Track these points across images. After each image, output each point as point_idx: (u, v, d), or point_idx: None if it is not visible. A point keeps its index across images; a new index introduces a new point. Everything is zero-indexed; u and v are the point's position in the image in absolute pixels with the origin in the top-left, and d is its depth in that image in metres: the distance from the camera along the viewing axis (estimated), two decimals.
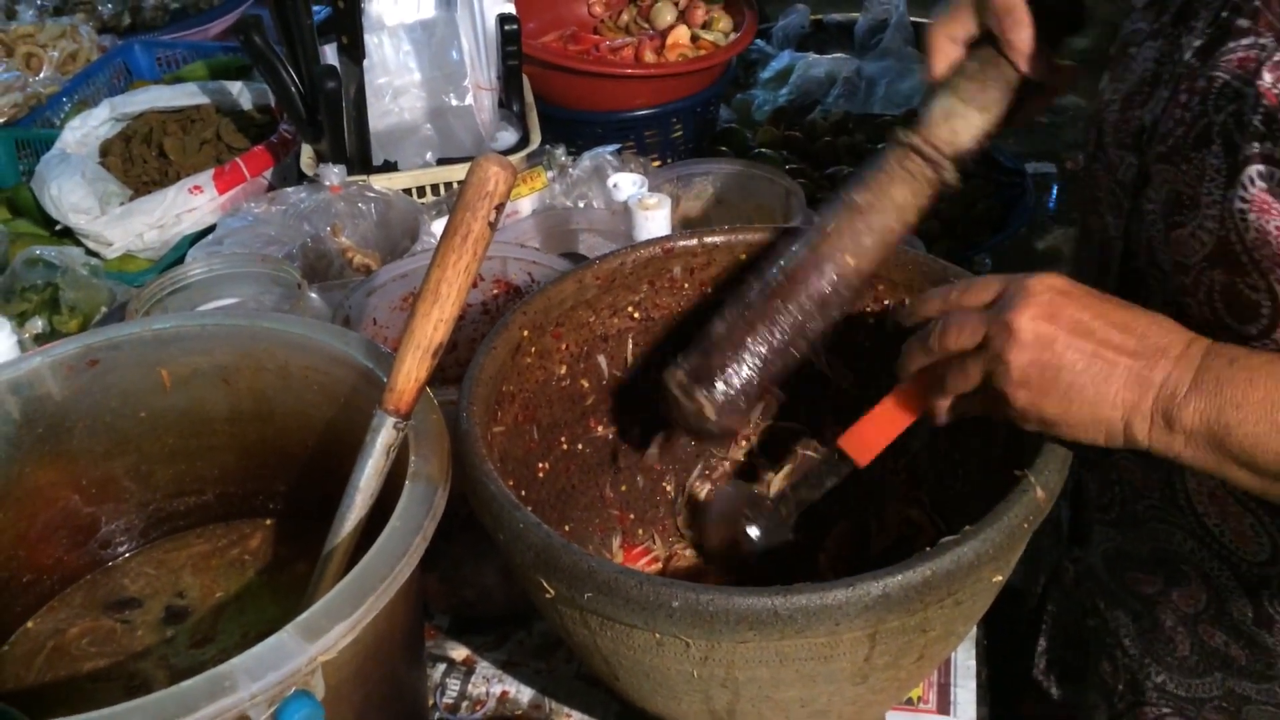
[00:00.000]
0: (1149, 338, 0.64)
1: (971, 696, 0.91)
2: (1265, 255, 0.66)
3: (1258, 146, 0.64)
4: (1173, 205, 0.72)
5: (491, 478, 0.70)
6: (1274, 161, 0.63)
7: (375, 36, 1.50)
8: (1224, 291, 0.70)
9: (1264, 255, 0.66)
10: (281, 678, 0.56)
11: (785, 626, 0.61)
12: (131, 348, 0.83)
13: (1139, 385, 0.63)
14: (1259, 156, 0.64)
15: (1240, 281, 0.68)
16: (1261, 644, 0.84)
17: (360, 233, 1.28)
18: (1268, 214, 0.64)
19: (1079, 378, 0.63)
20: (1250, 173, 0.65)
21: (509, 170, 0.71)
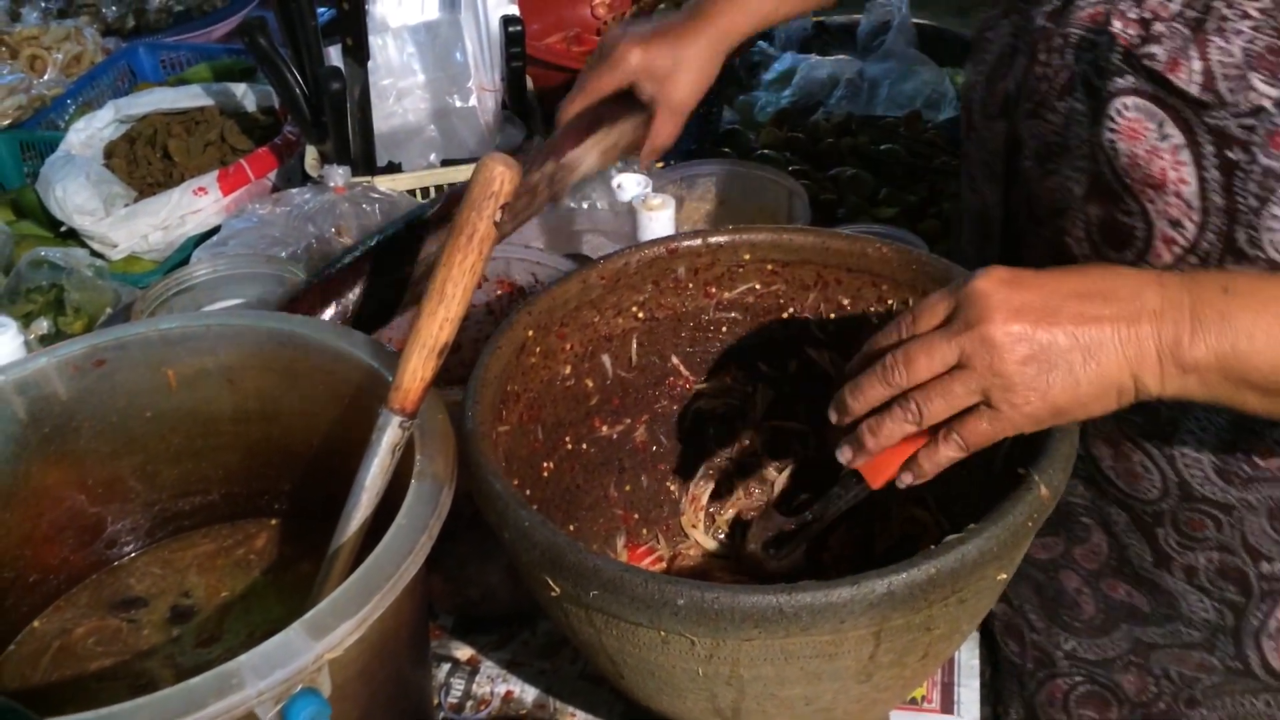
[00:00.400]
0: (1116, 295, 0.63)
1: (975, 695, 0.91)
2: (1137, 178, 0.71)
3: (1121, 81, 0.70)
4: (1044, 156, 0.78)
5: (497, 476, 0.71)
6: (1141, 93, 0.70)
7: (379, 38, 1.51)
8: (1100, 224, 0.75)
9: (1135, 178, 0.72)
10: (288, 675, 0.56)
11: (790, 624, 0.61)
12: (137, 348, 0.83)
13: (1135, 342, 0.62)
14: (1127, 90, 0.70)
15: (1115, 209, 0.74)
16: (1163, 587, 0.88)
17: (365, 233, 1.28)
18: (1138, 139, 0.70)
19: (1073, 357, 0.62)
20: (1118, 105, 0.71)
21: (514, 169, 0.71)
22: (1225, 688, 0.90)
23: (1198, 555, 0.85)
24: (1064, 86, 0.75)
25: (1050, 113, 0.76)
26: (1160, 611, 0.89)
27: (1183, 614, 0.88)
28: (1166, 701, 0.93)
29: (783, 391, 0.97)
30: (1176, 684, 0.92)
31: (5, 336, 0.91)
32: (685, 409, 0.97)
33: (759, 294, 0.93)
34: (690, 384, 0.97)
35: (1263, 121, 0.66)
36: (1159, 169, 0.70)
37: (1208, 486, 0.82)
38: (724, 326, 0.95)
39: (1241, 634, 0.87)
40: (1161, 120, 0.69)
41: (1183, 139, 0.69)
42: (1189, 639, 0.89)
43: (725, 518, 0.98)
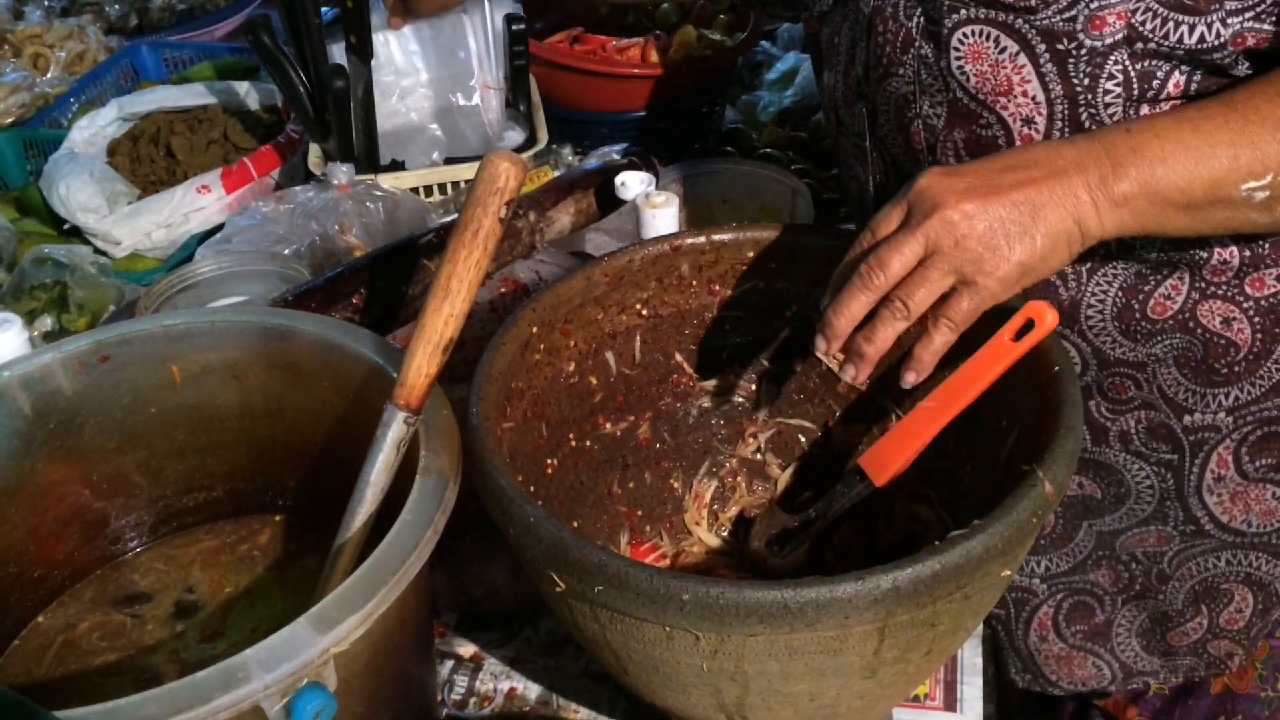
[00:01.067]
0: (1038, 161, 0.71)
1: (978, 693, 0.91)
2: (987, 91, 0.80)
3: (956, 16, 0.79)
4: (902, 108, 0.87)
5: (502, 472, 0.71)
6: (976, 20, 0.78)
7: (382, 36, 1.51)
8: (968, 144, 0.84)
9: (986, 91, 0.80)
10: (294, 669, 0.57)
11: (795, 620, 0.61)
12: (142, 344, 0.83)
13: (1070, 193, 0.70)
14: (963, 21, 0.79)
15: (976, 125, 0.83)
16: (1106, 464, 0.94)
17: (368, 231, 1.28)
18: (981, 58, 0.79)
19: (1024, 220, 0.70)
20: (958, 36, 0.80)
21: (519, 166, 0.71)
22: (1187, 553, 0.96)
23: (1127, 419, 0.91)
24: (905, 42, 0.84)
25: (900, 68, 0.85)
26: (1111, 493, 0.95)
27: (1130, 488, 0.94)
28: (1140, 583, 0.99)
29: (786, 389, 0.97)
30: (1144, 563, 0.98)
31: (10, 333, 0.91)
32: (688, 406, 0.97)
33: (762, 292, 0.93)
34: (693, 381, 0.97)
35: (1080, 10, 0.75)
36: (1004, 77, 0.79)
37: (1119, 349, 0.88)
38: (727, 324, 0.95)
39: (1185, 495, 0.93)
40: (997, 36, 0.78)
41: (1017, 46, 0.78)
42: (1142, 515, 0.95)
43: (728, 515, 0.98)
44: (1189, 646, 1.01)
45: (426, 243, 1.03)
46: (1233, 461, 0.91)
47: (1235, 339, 0.86)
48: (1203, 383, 0.88)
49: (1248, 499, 0.92)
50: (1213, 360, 0.87)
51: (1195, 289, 0.85)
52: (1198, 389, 0.88)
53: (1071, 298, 0.88)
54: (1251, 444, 0.90)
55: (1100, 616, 1.02)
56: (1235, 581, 0.96)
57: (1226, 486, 0.92)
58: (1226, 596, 0.97)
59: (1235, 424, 0.89)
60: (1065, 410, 0.72)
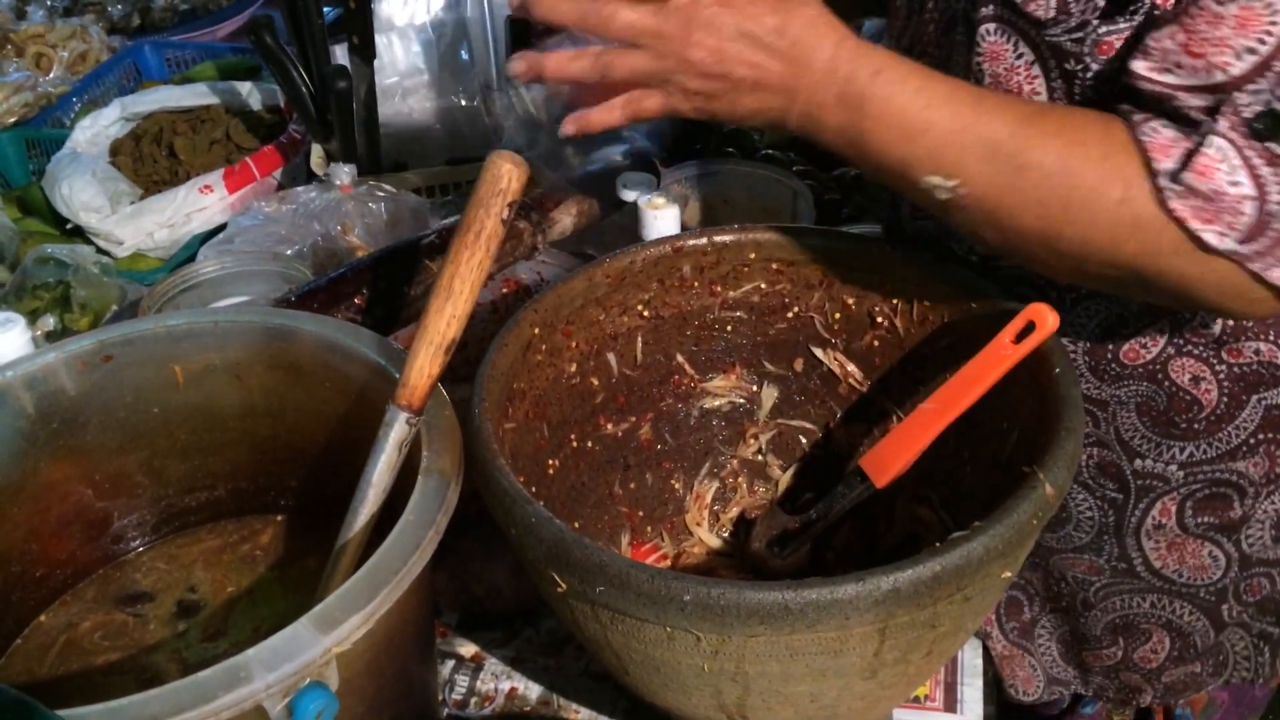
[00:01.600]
0: (791, 55, 0.71)
1: (978, 694, 0.91)
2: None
3: (985, 10, 0.76)
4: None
5: (504, 473, 0.71)
6: (1000, 19, 0.76)
7: (385, 37, 1.51)
8: None
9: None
10: (297, 668, 0.57)
11: (796, 620, 0.61)
12: (145, 344, 0.84)
13: (786, 95, 0.72)
14: (989, 17, 0.76)
15: None
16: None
17: (370, 232, 1.29)
18: (999, 59, 0.77)
19: (741, 86, 0.72)
20: (982, 30, 0.77)
21: (522, 168, 0.72)
22: (1114, 588, 0.95)
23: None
24: (947, 24, 0.82)
25: (934, 48, 0.83)
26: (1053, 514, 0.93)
27: (1072, 514, 0.93)
28: (1066, 600, 0.99)
29: (787, 390, 0.97)
30: (1072, 586, 0.97)
31: (13, 333, 0.91)
32: (690, 407, 0.98)
33: (764, 293, 0.93)
34: (695, 382, 0.97)
35: (1089, 34, 0.72)
36: (1016, 84, 0.77)
37: (1084, 384, 0.87)
38: (729, 325, 0.95)
39: (1124, 534, 0.92)
40: (1016, 40, 0.76)
41: (1033, 55, 0.76)
42: (1078, 542, 0.95)
43: (729, 516, 0.99)
44: (1102, 669, 1.00)
45: (429, 243, 1.04)
46: (1175, 513, 0.90)
47: (1201, 398, 0.85)
48: (1160, 434, 0.87)
49: (1184, 551, 0.91)
50: (1175, 414, 0.86)
51: (1172, 344, 0.84)
52: (1154, 438, 0.87)
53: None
54: (1197, 500, 0.89)
55: (1027, 615, 1.02)
56: (1155, 624, 0.95)
57: (1165, 535, 0.91)
58: (1145, 635, 0.96)
59: (1185, 479, 0.88)
60: (1066, 412, 0.72)
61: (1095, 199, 0.67)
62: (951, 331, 0.86)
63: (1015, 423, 0.80)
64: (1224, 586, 0.92)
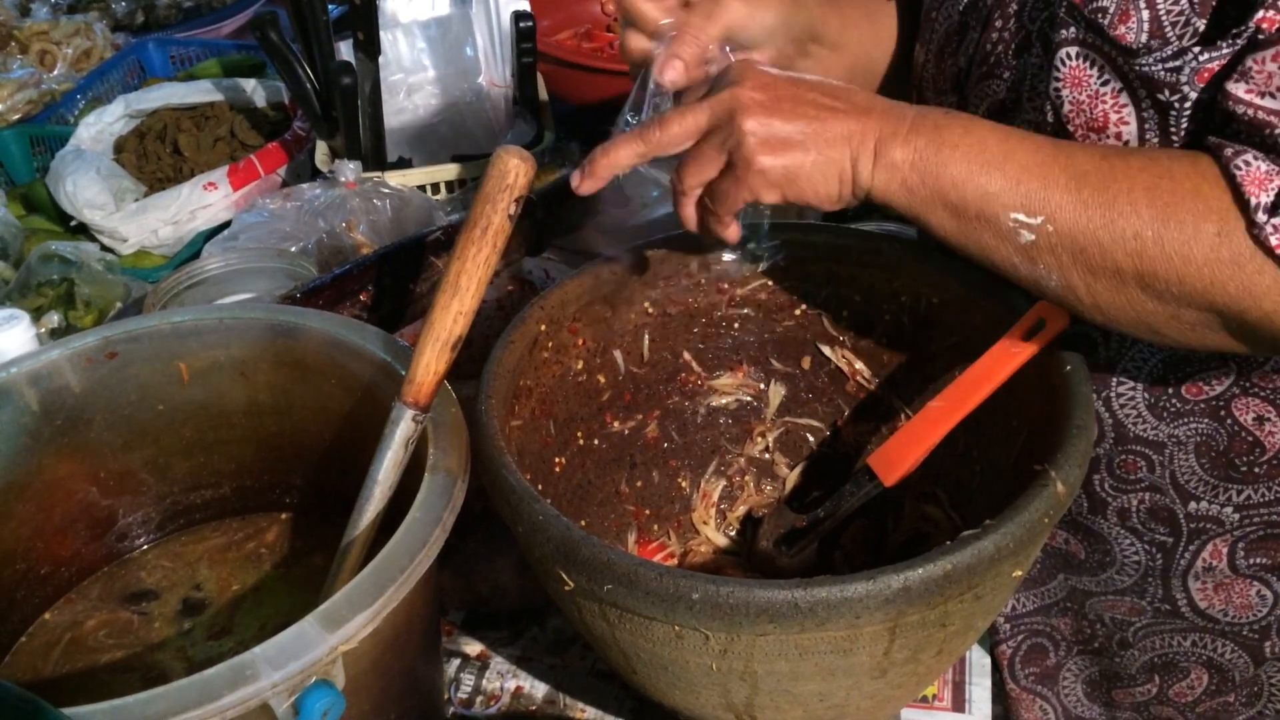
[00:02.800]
0: (852, 96, 0.72)
1: (987, 694, 0.91)
2: (1079, 123, 0.73)
3: (1065, 33, 0.72)
4: (994, 115, 0.80)
5: (511, 470, 0.70)
6: (1083, 43, 0.72)
7: (390, 33, 1.50)
8: None
9: (1078, 123, 0.73)
10: (303, 667, 0.56)
11: (805, 619, 0.61)
12: (150, 341, 0.83)
13: (858, 129, 0.70)
14: (1070, 40, 0.72)
15: None
16: (1097, 532, 0.90)
17: (375, 229, 1.28)
18: (1081, 85, 0.73)
19: (809, 129, 0.70)
20: (1062, 55, 0.73)
21: (529, 163, 0.71)
22: (1155, 628, 0.93)
23: (1130, 498, 0.87)
24: (1019, 46, 0.78)
25: (1005, 70, 0.79)
26: (1095, 558, 0.92)
27: (1115, 559, 0.91)
28: (1100, 643, 0.97)
29: (795, 388, 0.96)
30: (1109, 627, 0.95)
31: (17, 329, 0.91)
32: (697, 405, 0.97)
33: (771, 290, 0.93)
34: (702, 380, 0.97)
35: (1187, 62, 0.67)
36: (1101, 113, 0.73)
37: (1141, 425, 0.84)
38: (736, 323, 0.95)
39: (1170, 576, 0.89)
40: (1102, 66, 0.72)
41: (1120, 83, 0.71)
42: (1120, 585, 0.92)
43: (736, 514, 0.98)
44: (1132, 705, 0.98)
45: (434, 240, 1.03)
46: (1227, 554, 0.86)
47: (1264, 440, 0.81)
48: (1219, 475, 0.83)
49: (1230, 591, 0.88)
50: (1235, 455, 0.82)
51: (1239, 384, 0.80)
52: (1211, 480, 0.84)
53: (1110, 358, 0.83)
54: (1250, 541, 0.86)
55: (1052, 660, 0.99)
56: (1195, 662, 0.93)
57: (1214, 576, 0.88)
58: (1183, 673, 0.94)
59: (1240, 521, 0.85)
60: (1077, 410, 0.71)
61: (1190, 234, 0.63)
62: (960, 329, 0.86)
63: (1025, 421, 0.80)
64: (1269, 624, 0.89)
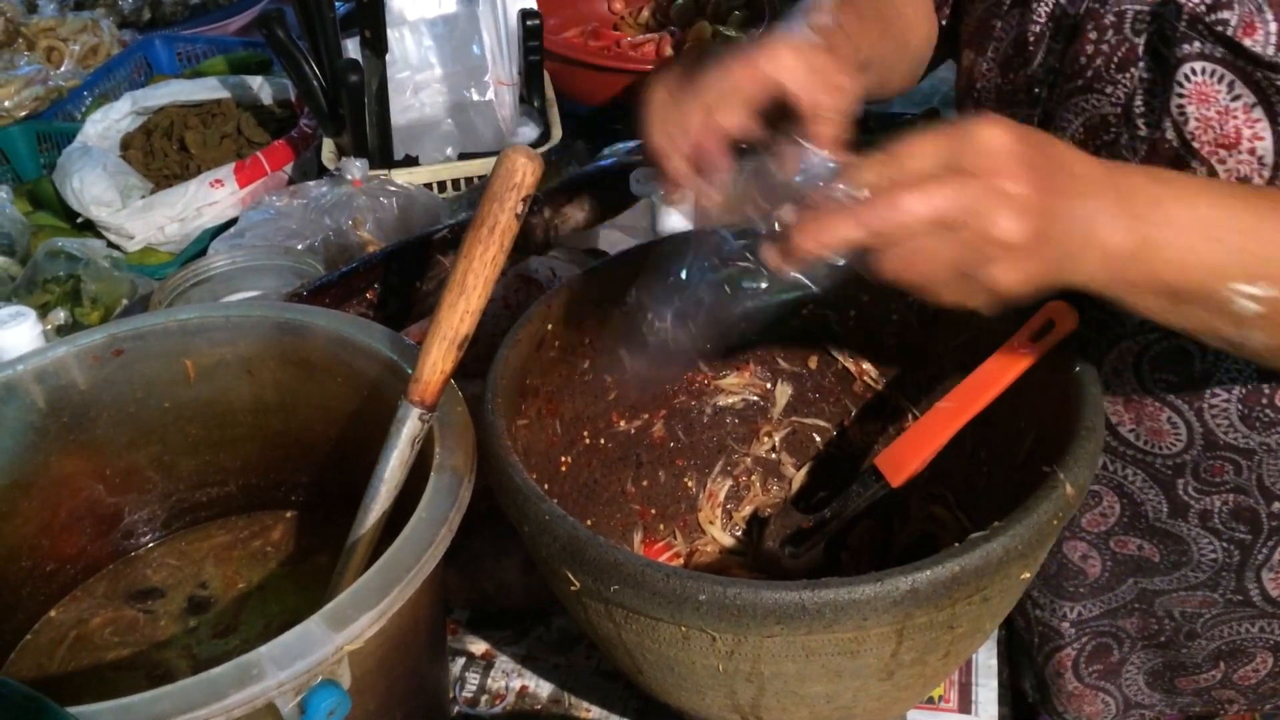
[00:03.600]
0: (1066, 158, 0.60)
1: (993, 696, 0.91)
2: (1207, 140, 0.70)
3: (1188, 48, 0.69)
4: (1096, 130, 0.76)
5: (517, 469, 0.70)
6: (1208, 57, 0.68)
7: (397, 31, 1.50)
8: None
9: (1206, 141, 0.70)
10: (309, 666, 0.56)
11: (813, 621, 0.60)
12: (156, 338, 0.83)
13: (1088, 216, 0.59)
14: (1194, 55, 0.69)
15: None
16: (1176, 535, 0.88)
17: (381, 227, 1.28)
18: (1208, 101, 0.69)
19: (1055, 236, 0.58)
20: (1185, 70, 0.70)
21: (537, 162, 0.71)
22: (1223, 618, 0.92)
23: (1214, 499, 0.86)
24: (1125, 59, 0.73)
25: (1109, 85, 0.74)
26: (1170, 559, 0.90)
27: (1192, 559, 0.89)
28: (1167, 636, 0.96)
29: (802, 387, 0.96)
30: (1178, 621, 0.94)
31: (24, 326, 0.91)
32: (703, 405, 0.97)
33: None
34: (709, 379, 0.96)
35: None
36: (1233, 129, 0.69)
37: (1232, 434, 0.82)
38: (742, 322, 0.94)
39: (1245, 569, 0.89)
40: (1232, 81, 0.68)
41: (1254, 98, 0.68)
42: (1193, 581, 0.91)
43: (742, 514, 0.98)
44: (1194, 691, 0.99)
45: (441, 238, 1.03)
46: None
47: None
48: None
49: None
50: None
51: None
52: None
53: (1205, 371, 0.80)
54: None
55: (1116, 656, 0.99)
56: (1262, 646, 0.93)
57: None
58: (1248, 657, 0.94)
59: None
60: (1086, 412, 0.71)
61: None
62: (968, 329, 0.85)
63: (1033, 422, 0.79)
64: None
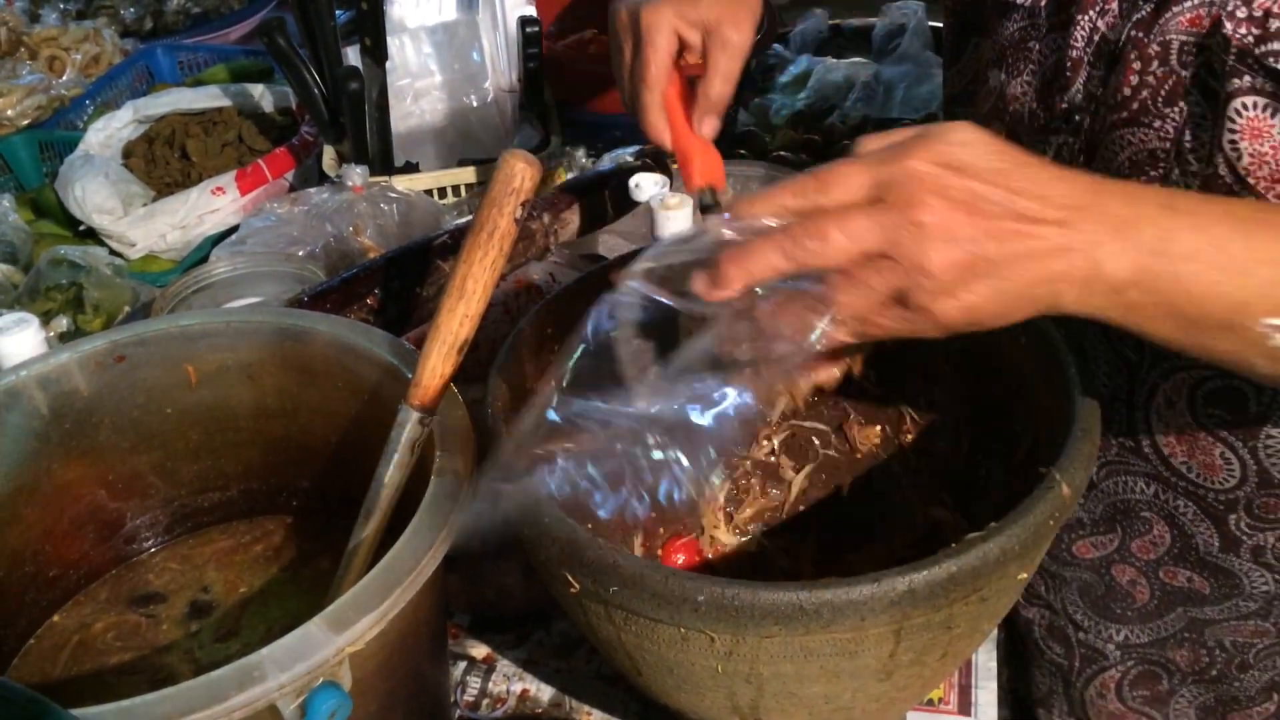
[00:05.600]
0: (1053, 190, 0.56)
1: (993, 698, 0.91)
2: (1262, 176, 0.69)
3: (1238, 82, 0.68)
4: (1143, 163, 0.75)
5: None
6: (1260, 91, 0.67)
7: (397, 38, 1.51)
8: None
9: (1261, 176, 0.69)
10: (310, 668, 0.57)
11: (811, 621, 0.61)
12: (158, 344, 0.84)
13: (1066, 234, 0.55)
14: (1245, 90, 0.68)
15: None
16: (1226, 569, 0.88)
17: (382, 233, 1.29)
18: (1262, 136, 0.68)
19: (1004, 249, 0.54)
20: (1236, 105, 0.68)
21: (536, 167, 0.71)
22: (1277, 648, 0.91)
23: (1267, 535, 0.85)
24: (1173, 92, 0.72)
25: (1158, 119, 0.73)
26: (1220, 592, 0.90)
27: (1244, 590, 0.89)
28: (1219, 669, 0.95)
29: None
30: (1229, 652, 0.93)
31: (27, 332, 0.91)
32: None
33: None
34: None
35: None
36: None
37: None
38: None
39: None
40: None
41: None
42: (1244, 610, 0.90)
43: (743, 517, 0.98)
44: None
45: (441, 244, 1.03)
46: None
47: None
48: None
49: None
50: None
51: None
52: None
53: (1261, 411, 0.79)
54: None
55: (1165, 686, 0.98)
56: None
57: None
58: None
59: None
60: (1081, 413, 0.71)
61: None
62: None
63: (1030, 424, 0.80)
64: None
